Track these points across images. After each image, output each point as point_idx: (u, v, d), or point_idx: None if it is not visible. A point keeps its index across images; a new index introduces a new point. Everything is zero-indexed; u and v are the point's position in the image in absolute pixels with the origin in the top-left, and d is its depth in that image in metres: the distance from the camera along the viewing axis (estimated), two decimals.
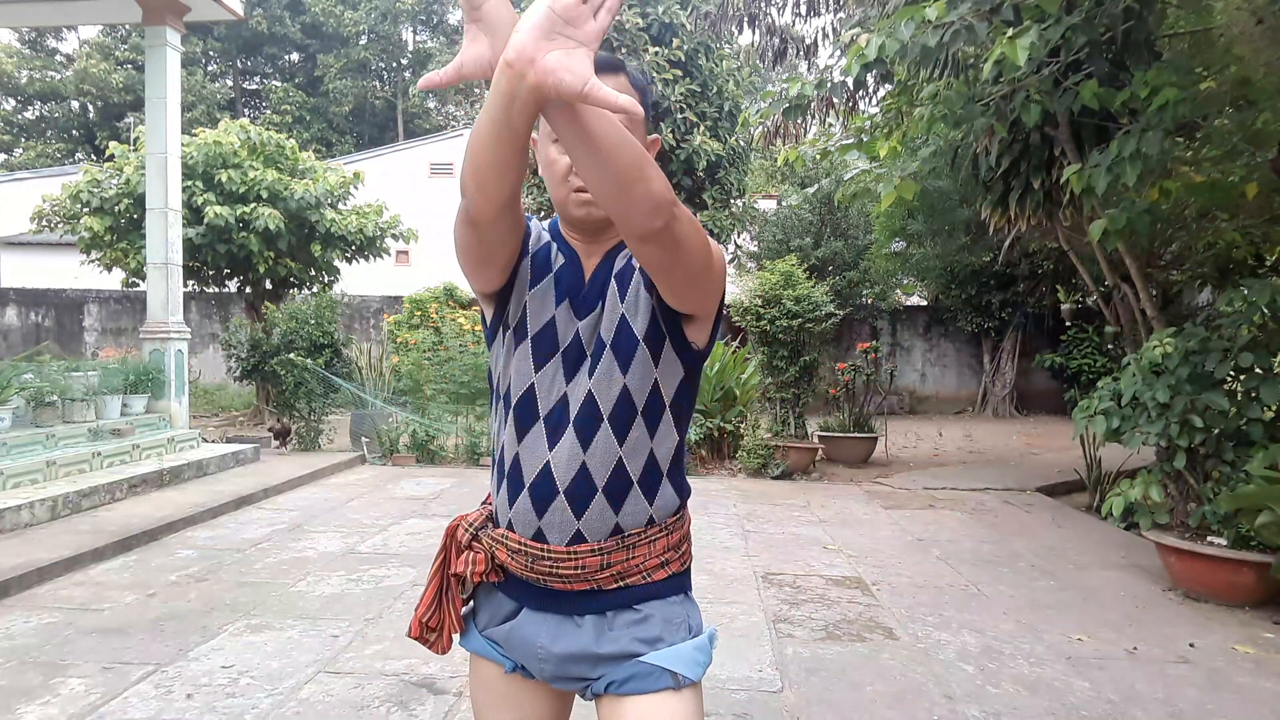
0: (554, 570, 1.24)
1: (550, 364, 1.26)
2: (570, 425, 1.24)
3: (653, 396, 1.26)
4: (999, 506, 6.71)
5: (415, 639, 1.37)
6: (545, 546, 1.24)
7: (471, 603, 1.39)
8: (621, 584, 1.26)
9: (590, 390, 1.23)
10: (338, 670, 3.19)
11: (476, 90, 34.78)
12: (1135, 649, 3.57)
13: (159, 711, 2.82)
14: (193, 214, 9.97)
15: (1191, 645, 3.62)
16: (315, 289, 11.79)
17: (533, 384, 1.27)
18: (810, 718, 2.87)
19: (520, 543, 1.25)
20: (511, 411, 1.28)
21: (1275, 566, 3.89)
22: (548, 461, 1.24)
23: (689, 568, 1.35)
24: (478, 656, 1.36)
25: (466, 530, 1.34)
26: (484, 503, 1.39)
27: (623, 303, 1.26)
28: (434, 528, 5.54)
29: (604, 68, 1.22)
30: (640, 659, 1.23)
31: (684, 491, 1.33)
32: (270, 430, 9.27)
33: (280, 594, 4.11)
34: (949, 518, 6.24)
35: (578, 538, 1.24)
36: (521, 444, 1.26)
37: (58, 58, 32.94)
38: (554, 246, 1.32)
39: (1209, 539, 4.29)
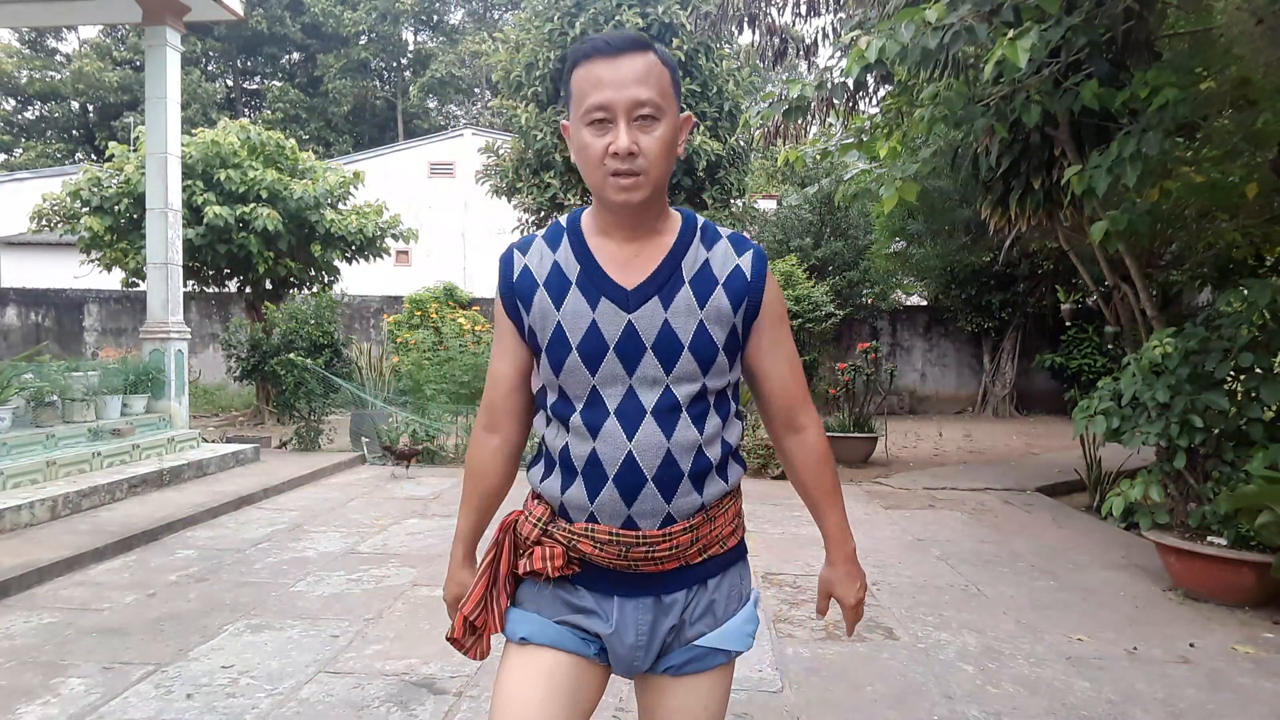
0: (649, 554, 1.27)
1: (606, 361, 1.25)
2: (649, 414, 1.25)
3: (724, 394, 1.33)
4: (999, 506, 6.71)
5: (454, 641, 1.35)
6: (638, 533, 1.26)
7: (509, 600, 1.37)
8: (705, 556, 1.32)
9: (669, 385, 1.26)
10: (338, 670, 3.19)
11: (476, 91, 34.81)
12: (1135, 649, 3.57)
13: (159, 711, 2.83)
14: (192, 214, 9.96)
15: (1191, 645, 3.62)
16: (315, 289, 11.79)
17: (594, 385, 1.26)
18: (810, 718, 2.87)
19: (610, 533, 1.26)
20: (577, 413, 1.27)
21: (1275, 566, 3.89)
22: (630, 452, 1.24)
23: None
24: (535, 646, 1.30)
25: (535, 525, 1.32)
26: (534, 501, 1.37)
27: (701, 309, 1.27)
28: (434, 528, 5.54)
29: (632, 46, 1.21)
30: (695, 643, 1.31)
31: (743, 460, 1.41)
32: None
33: (280, 594, 4.11)
34: (949, 518, 6.24)
35: (669, 520, 1.27)
36: (597, 440, 1.25)
37: (57, 58, 32.93)
38: (560, 260, 1.29)
39: (1209, 539, 4.28)
